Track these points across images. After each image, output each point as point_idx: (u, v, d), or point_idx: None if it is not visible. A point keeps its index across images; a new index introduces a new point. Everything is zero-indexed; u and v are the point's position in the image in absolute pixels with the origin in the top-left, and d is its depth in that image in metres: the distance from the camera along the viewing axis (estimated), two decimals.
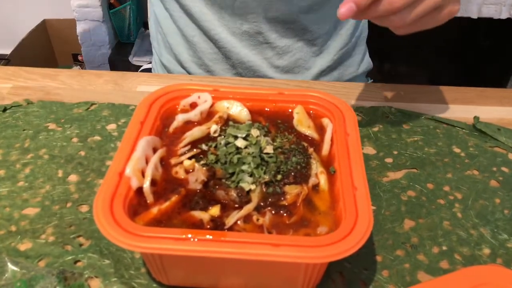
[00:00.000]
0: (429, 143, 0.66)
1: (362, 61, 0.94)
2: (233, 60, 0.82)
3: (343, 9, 0.48)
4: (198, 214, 0.42)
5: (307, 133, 0.52)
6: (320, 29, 0.81)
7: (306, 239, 0.39)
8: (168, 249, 0.38)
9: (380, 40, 0.98)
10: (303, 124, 0.53)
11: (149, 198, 0.43)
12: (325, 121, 0.53)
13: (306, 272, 0.42)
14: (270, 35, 0.79)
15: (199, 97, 0.54)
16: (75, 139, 0.64)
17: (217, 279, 0.44)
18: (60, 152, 0.62)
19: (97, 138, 0.64)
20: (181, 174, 0.46)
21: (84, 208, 0.55)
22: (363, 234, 0.39)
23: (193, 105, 0.55)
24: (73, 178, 0.58)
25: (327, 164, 0.49)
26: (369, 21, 0.88)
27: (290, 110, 0.55)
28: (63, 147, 0.62)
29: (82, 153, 0.62)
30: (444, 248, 0.52)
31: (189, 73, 0.87)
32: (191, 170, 0.46)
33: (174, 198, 0.43)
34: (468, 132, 0.68)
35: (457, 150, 0.66)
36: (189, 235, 0.38)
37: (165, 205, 0.43)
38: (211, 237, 0.38)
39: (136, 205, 0.43)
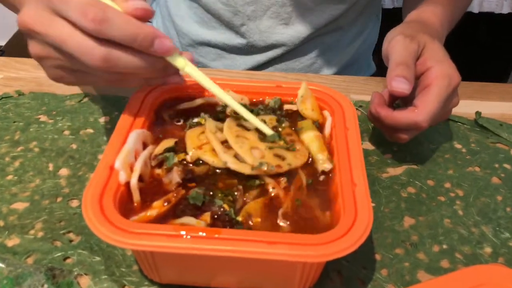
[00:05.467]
0: (430, 138, 0.64)
1: (368, 67, 0.96)
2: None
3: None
4: (187, 221, 0.40)
5: (306, 113, 0.52)
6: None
7: (302, 236, 0.37)
8: (160, 247, 0.36)
9: (379, 34, 0.96)
10: (306, 104, 0.52)
11: (136, 195, 0.42)
12: (325, 114, 0.51)
13: (303, 271, 0.40)
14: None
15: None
16: (66, 132, 0.62)
17: (211, 277, 0.43)
18: (51, 145, 0.60)
19: (90, 131, 0.62)
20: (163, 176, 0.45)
21: (75, 203, 0.53)
22: (362, 232, 0.37)
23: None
24: (64, 172, 0.57)
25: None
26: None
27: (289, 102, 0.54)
28: (54, 140, 0.61)
29: (74, 146, 0.60)
30: (445, 246, 0.51)
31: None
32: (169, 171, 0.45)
33: (158, 206, 0.41)
34: (469, 127, 0.67)
35: (458, 146, 0.64)
36: (182, 232, 0.37)
37: (150, 213, 0.41)
38: (204, 234, 0.37)
39: (127, 200, 0.41)
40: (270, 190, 0.43)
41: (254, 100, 0.54)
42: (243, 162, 0.44)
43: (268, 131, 0.48)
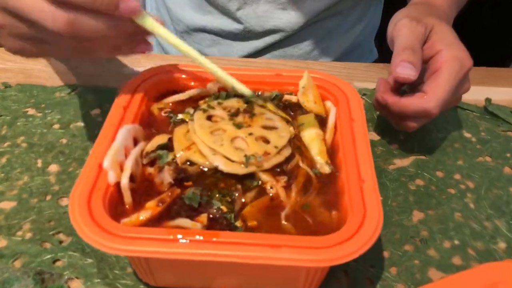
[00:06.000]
0: (438, 127, 0.61)
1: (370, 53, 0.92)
2: None
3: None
4: (184, 223, 0.37)
5: (308, 105, 0.49)
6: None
7: (307, 239, 0.34)
8: (154, 252, 0.33)
9: (382, 18, 0.92)
10: (307, 95, 0.49)
11: (127, 197, 0.39)
12: (328, 104, 0.48)
13: (308, 273, 0.37)
14: None
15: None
16: (56, 126, 0.59)
17: (209, 280, 0.40)
18: (40, 140, 0.57)
19: (80, 124, 0.59)
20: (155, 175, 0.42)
21: (65, 201, 0.50)
22: (372, 233, 0.35)
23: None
24: (53, 168, 0.54)
25: (331, 153, 0.44)
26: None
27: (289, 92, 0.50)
28: (43, 134, 0.58)
29: (64, 140, 0.57)
30: (456, 242, 0.48)
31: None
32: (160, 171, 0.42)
33: (152, 206, 0.38)
34: (479, 115, 0.64)
35: (467, 134, 0.61)
36: (178, 236, 0.34)
37: (143, 215, 0.38)
38: (201, 237, 0.34)
39: (118, 201, 0.38)
40: (269, 189, 0.40)
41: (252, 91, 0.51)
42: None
43: (246, 90, 0.47)
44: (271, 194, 0.40)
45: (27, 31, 0.39)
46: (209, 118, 0.45)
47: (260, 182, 0.41)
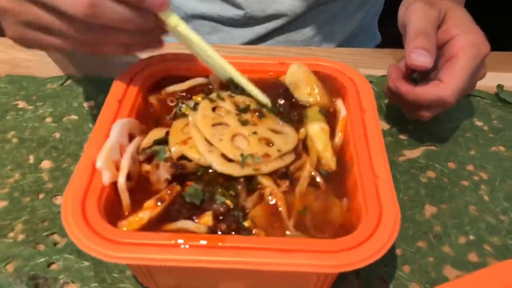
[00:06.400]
0: (448, 115, 0.59)
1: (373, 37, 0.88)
2: None
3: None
4: (186, 225, 0.34)
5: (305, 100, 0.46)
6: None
7: (319, 242, 0.32)
8: (154, 260, 0.31)
9: (385, 2, 0.89)
10: (301, 89, 0.46)
11: (125, 198, 0.36)
12: (338, 105, 0.45)
13: (318, 278, 0.35)
14: None
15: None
16: (48, 119, 0.56)
17: (215, 284, 0.38)
18: (31, 135, 0.54)
19: (74, 117, 0.56)
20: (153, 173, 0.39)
21: (59, 200, 0.48)
22: (389, 235, 0.32)
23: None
24: (46, 164, 0.51)
25: (341, 147, 0.41)
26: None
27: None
28: (35, 128, 0.55)
29: (57, 135, 0.54)
30: (472, 237, 0.46)
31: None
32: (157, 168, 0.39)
33: (150, 206, 0.36)
34: (490, 102, 0.61)
35: (479, 123, 0.59)
36: (180, 241, 0.31)
37: (141, 216, 0.35)
38: (205, 242, 0.32)
39: (114, 203, 0.36)
40: (268, 198, 0.37)
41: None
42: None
43: (264, 99, 0.43)
44: (271, 203, 0.37)
45: (36, 16, 0.36)
46: (214, 109, 0.42)
47: (259, 186, 0.38)
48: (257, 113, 0.41)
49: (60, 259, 0.43)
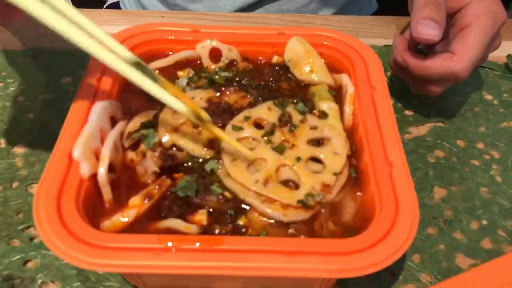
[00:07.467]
0: (455, 89, 0.55)
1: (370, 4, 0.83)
2: None
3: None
4: (175, 224, 0.30)
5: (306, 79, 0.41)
6: None
7: (328, 242, 0.28)
8: (140, 267, 0.27)
9: None
10: (301, 67, 0.41)
11: (106, 193, 0.32)
12: (344, 80, 0.40)
13: (324, 280, 0.32)
14: None
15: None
16: (21, 98, 0.51)
17: (208, 285, 0.34)
18: (2, 115, 0.50)
19: (50, 96, 0.52)
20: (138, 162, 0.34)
21: (36, 189, 0.43)
22: (408, 232, 0.28)
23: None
24: (20, 149, 0.47)
25: (350, 134, 0.37)
26: None
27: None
28: (5, 108, 0.50)
29: (31, 115, 0.50)
30: (485, 222, 0.43)
31: None
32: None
33: (137, 203, 0.31)
34: (500, 74, 0.58)
35: (488, 97, 0.55)
36: (169, 244, 0.28)
37: (127, 215, 0.31)
38: (200, 245, 0.28)
39: (95, 199, 0.31)
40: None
41: (249, 57, 0.43)
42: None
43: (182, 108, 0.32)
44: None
45: None
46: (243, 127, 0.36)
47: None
48: (286, 128, 0.35)
49: (38, 256, 0.39)
